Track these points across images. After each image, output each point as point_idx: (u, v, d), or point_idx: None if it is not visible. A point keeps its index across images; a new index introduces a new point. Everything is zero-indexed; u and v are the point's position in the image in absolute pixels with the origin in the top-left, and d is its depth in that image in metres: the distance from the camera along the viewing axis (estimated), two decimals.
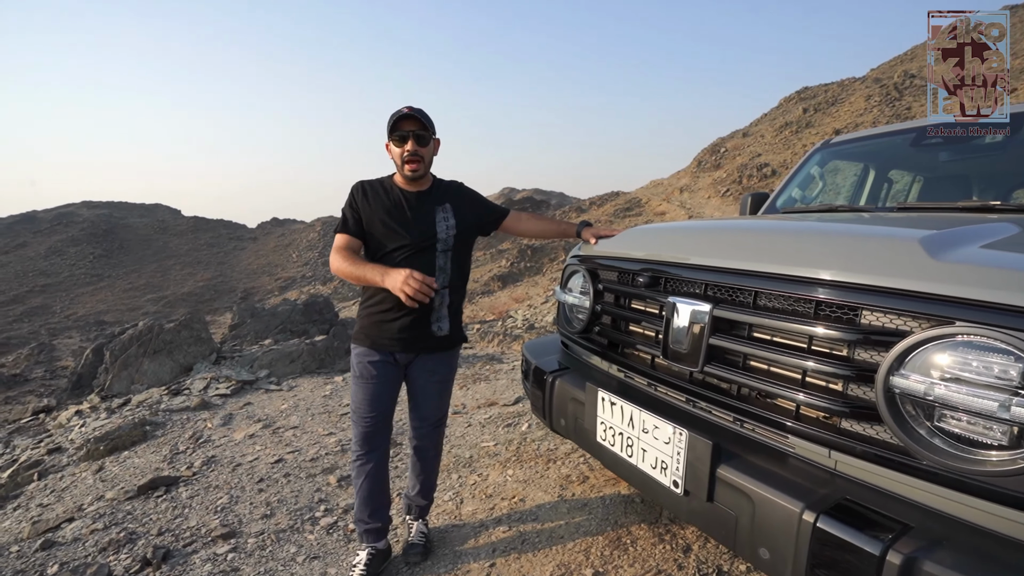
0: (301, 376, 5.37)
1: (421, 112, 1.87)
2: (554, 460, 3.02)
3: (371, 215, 1.91)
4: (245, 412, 4.39)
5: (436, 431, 2.18)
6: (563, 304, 2.19)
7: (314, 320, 6.47)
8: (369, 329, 1.95)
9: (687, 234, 1.71)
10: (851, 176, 3.33)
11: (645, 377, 1.67)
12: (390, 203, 1.93)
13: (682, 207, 44.21)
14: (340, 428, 3.92)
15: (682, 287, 1.56)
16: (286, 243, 55.60)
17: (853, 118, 45.58)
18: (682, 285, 1.56)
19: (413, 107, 1.87)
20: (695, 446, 1.26)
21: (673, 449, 1.33)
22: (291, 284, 44.21)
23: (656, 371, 1.63)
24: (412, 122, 1.85)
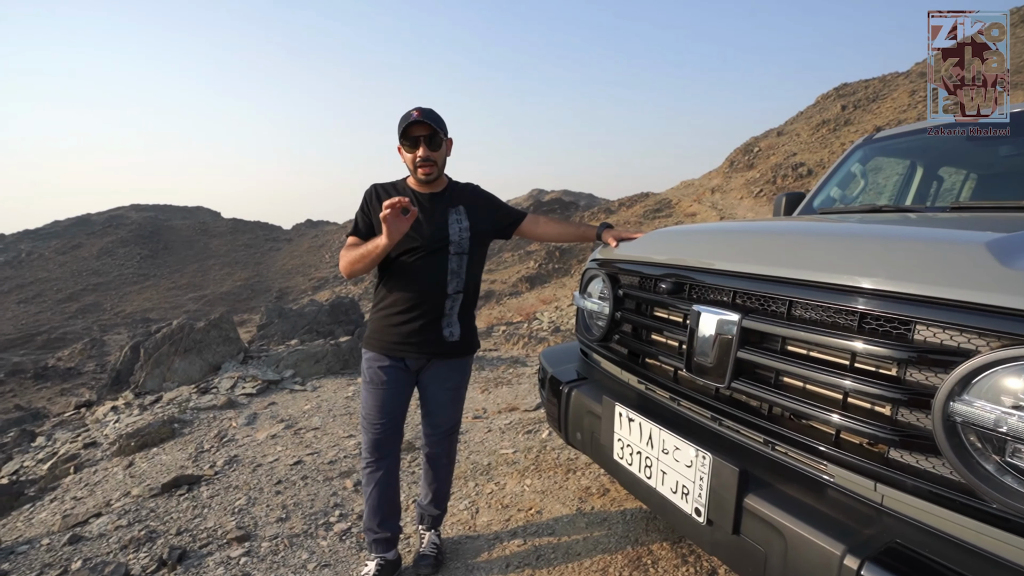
0: (325, 377, 5.41)
1: (430, 114, 1.81)
2: (573, 471, 2.90)
3: (381, 217, 1.87)
4: (269, 412, 4.44)
5: (449, 439, 2.11)
6: (582, 310, 2.08)
7: (340, 321, 6.53)
8: (379, 333, 1.92)
9: (714, 237, 1.58)
10: (895, 174, 3.11)
11: (667, 391, 1.55)
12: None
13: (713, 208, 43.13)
14: (360, 430, 3.90)
15: (708, 295, 1.43)
16: (319, 244, 56.99)
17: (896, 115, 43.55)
18: (708, 292, 1.43)
19: (422, 109, 1.81)
20: (720, 472, 1.14)
21: (695, 473, 1.21)
22: (324, 284, 45.25)
23: (679, 385, 1.51)
24: (422, 127, 1.79)
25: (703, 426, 1.42)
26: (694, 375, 1.40)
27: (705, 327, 1.34)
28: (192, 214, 72.24)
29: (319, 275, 47.29)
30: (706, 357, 1.35)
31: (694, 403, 1.45)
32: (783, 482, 1.12)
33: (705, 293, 1.45)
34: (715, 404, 1.37)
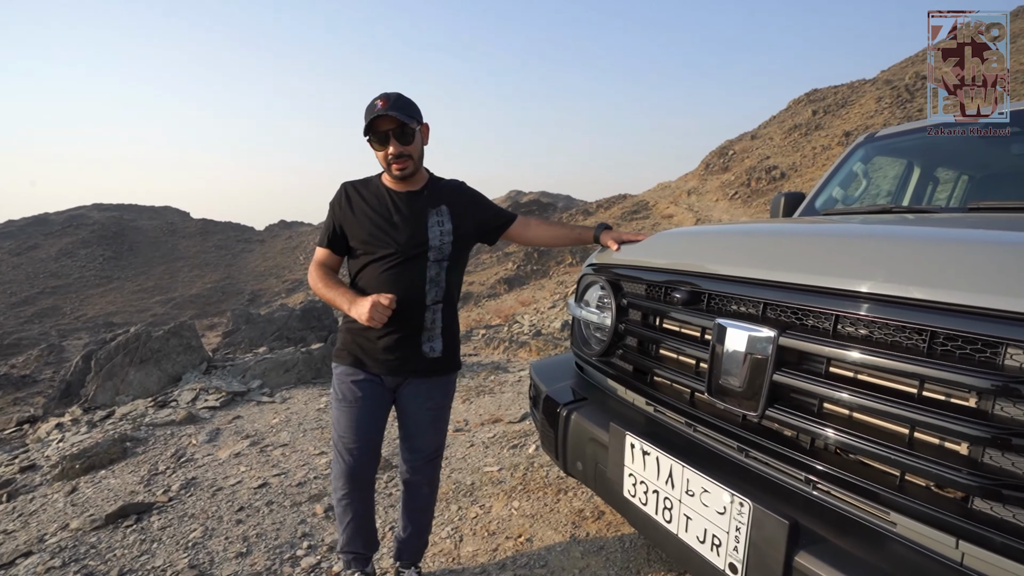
0: (295, 387, 5.09)
1: (398, 103, 1.58)
2: (564, 491, 2.70)
3: (353, 221, 1.70)
4: (233, 427, 4.11)
5: (430, 465, 1.88)
6: (578, 320, 1.88)
7: (312, 327, 6.19)
8: (352, 346, 1.72)
9: (738, 240, 1.39)
10: (896, 174, 3.00)
11: (681, 415, 1.36)
12: (376, 205, 1.70)
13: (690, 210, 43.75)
14: (331, 452, 3.63)
15: (731, 306, 1.24)
16: (293, 245, 55.75)
17: (863, 120, 44.93)
18: (732, 304, 1.25)
19: (388, 96, 1.59)
20: (763, 523, 0.95)
21: (730, 522, 1.02)
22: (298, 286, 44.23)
23: (696, 409, 1.32)
24: (388, 120, 1.58)
25: (724, 457, 1.24)
26: (716, 399, 1.21)
27: (732, 344, 1.15)
28: (159, 214, 69.88)
29: (293, 277, 46.24)
30: (732, 379, 1.16)
31: (715, 430, 1.26)
32: (838, 534, 0.93)
33: (727, 305, 1.26)
34: (743, 433, 1.18)
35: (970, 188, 2.58)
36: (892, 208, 2.16)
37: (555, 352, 7.87)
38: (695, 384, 1.30)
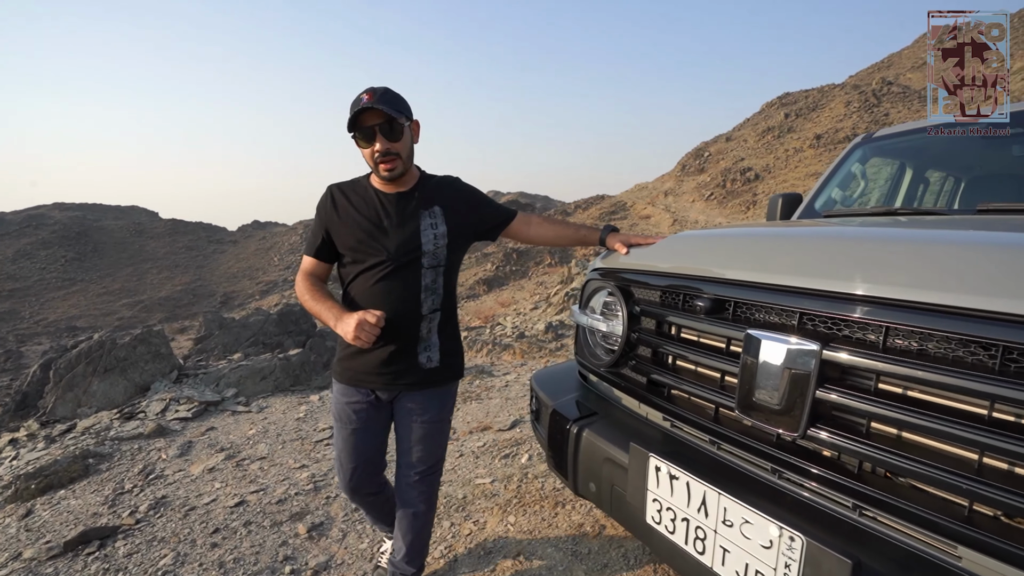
0: (273, 395, 4.87)
1: (385, 96, 1.47)
2: (562, 503, 2.59)
3: (341, 227, 1.59)
4: (207, 439, 3.89)
5: (426, 481, 1.75)
6: (583, 329, 1.77)
7: (289, 331, 5.95)
8: (346, 361, 1.65)
9: (768, 244, 1.30)
10: (885, 176, 2.98)
11: (705, 433, 1.26)
12: (364, 209, 1.59)
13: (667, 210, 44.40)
14: (314, 459, 3.45)
15: (761, 315, 1.15)
16: (267, 246, 54.50)
17: (833, 123, 46.30)
18: (761, 313, 1.15)
19: (375, 90, 1.47)
20: (821, 562, 0.85)
21: (778, 558, 0.92)
22: (272, 288, 43.25)
23: (721, 426, 1.22)
24: (374, 114, 1.46)
25: (760, 480, 1.14)
26: (747, 415, 1.11)
27: (767, 357, 1.06)
28: (126, 214, 67.54)
29: (267, 278, 45.20)
30: (767, 395, 1.06)
31: (745, 449, 1.16)
32: (902, 572, 0.84)
33: (755, 314, 1.16)
34: (779, 454, 1.08)
35: (968, 189, 2.56)
36: (897, 210, 2.12)
37: (540, 355, 7.77)
38: (721, 399, 1.20)
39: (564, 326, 9.55)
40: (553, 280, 20.74)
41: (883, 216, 1.96)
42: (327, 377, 5.21)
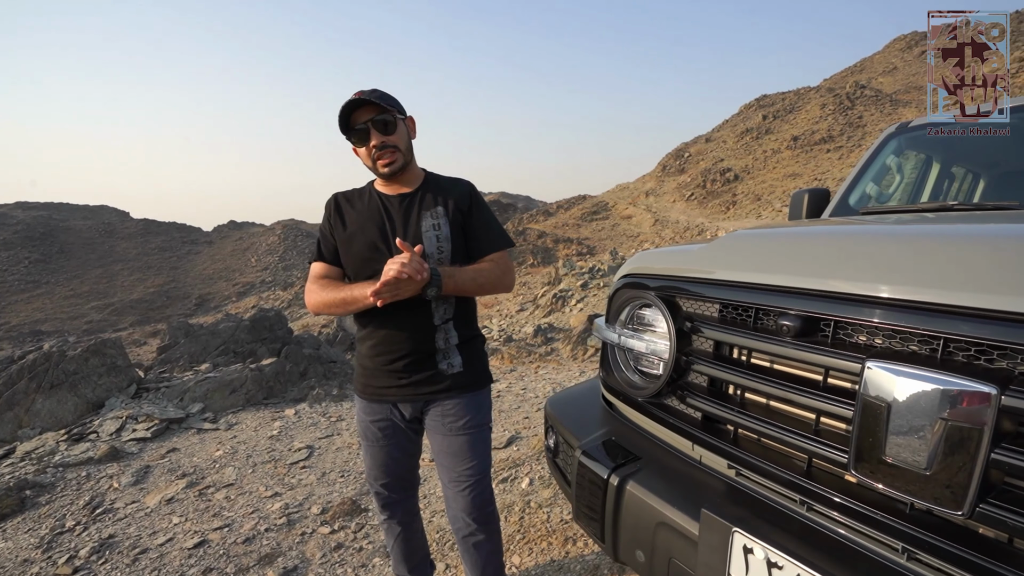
0: (244, 410, 4.46)
1: (375, 92, 1.44)
2: (573, 539, 2.29)
3: (345, 236, 1.51)
4: (167, 463, 3.48)
5: (477, 500, 1.53)
6: (611, 348, 1.47)
7: (263, 339, 5.51)
8: (363, 375, 1.58)
9: (893, 246, 0.98)
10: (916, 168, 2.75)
11: (790, 489, 0.96)
12: (367, 214, 1.51)
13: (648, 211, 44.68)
14: (287, 485, 3.08)
15: (888, 342, 0.86)
16: (244, 247, 53.19)
17: (809, 125, 47.21)
18: (888, 338, 0.86)
19: (363, 90, 1.43)
20: None
21: None
22: (250, 289, 42.20)
23: (819, 484, 0.92)
24: (366, 109, 1.42)
25: (870, 558, 0.84)
26: (866, 476, 0.82)
27: (907, 401, 0.76)
28: (95, 213, 65.26)
29: (244, 280, 44.11)
30: (908, 452, 0.77)
31: (851, 517, 0.87)
32: None
33: (877, 338, 0.87)
34: (920, 533, 0.79)
35: (1017, 181, 2.34)
36: (952, 207, 1.86)
37: (529, 360, 7.47)
38: (821, 450, 0.91)
39: (553, 329, 9.28)
40: (537, 281, 20.48)
41: (935, 212, 1.69)
42: (303, 388, 4.82)
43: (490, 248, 1.53)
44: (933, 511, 0.77)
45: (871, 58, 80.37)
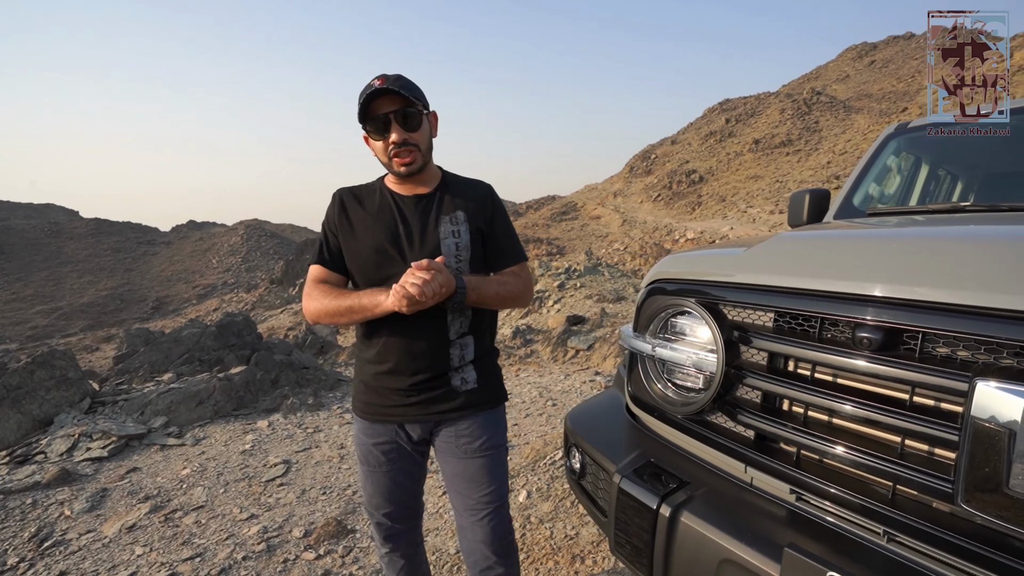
0: (212, 423, 4.16)
1: (401, 81, 1.28)
2: (580, 556, 2.17)
3: (352, 237, 1.37)
4: (127, 485, 3.19)
5: (497, 529, 1.39)
6: (643, 359, 1.35)
7: (231, 345, 5.17)
8: (364, 392, 1.42)
9: (984, 249, 0.89)
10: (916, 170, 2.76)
11: (870, 519, 0.86)
12: (378, 214, 1.37)
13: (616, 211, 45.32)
14: (264, 505, 2.86)
15: (990, 357, 0.76)
16: (205, 248, 51.16)
17: (770, 129, 48.90)
18: (988, 353, 0.76)
19: (387, 76, 1.28)
20: None
21: None
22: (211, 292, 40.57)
23: (907, 515, 0.82)
24: (389, 99, 1.27)
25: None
26: (982, 509, 0.72)
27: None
28: (39, 212, 61.60)
29: (205, 282, 42.42)
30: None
31: (950, 552, 0.77)
32: None
33: (978, 353, 0.77)
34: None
35: (1013, 185, 2.35)
36: (964, 208, 1.83)
37: (509, 362, 7.34)
38: (923, 479, 0.81)
39: (532, 330, 9.18)
40: None
41: (970, 212, 1.65)
42: (276, 398, 4.55)
43: (512, 260, 1.41)
44: None
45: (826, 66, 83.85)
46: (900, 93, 52.31)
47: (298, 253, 32.56)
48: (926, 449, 0.84)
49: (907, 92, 50.42)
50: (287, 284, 30.03)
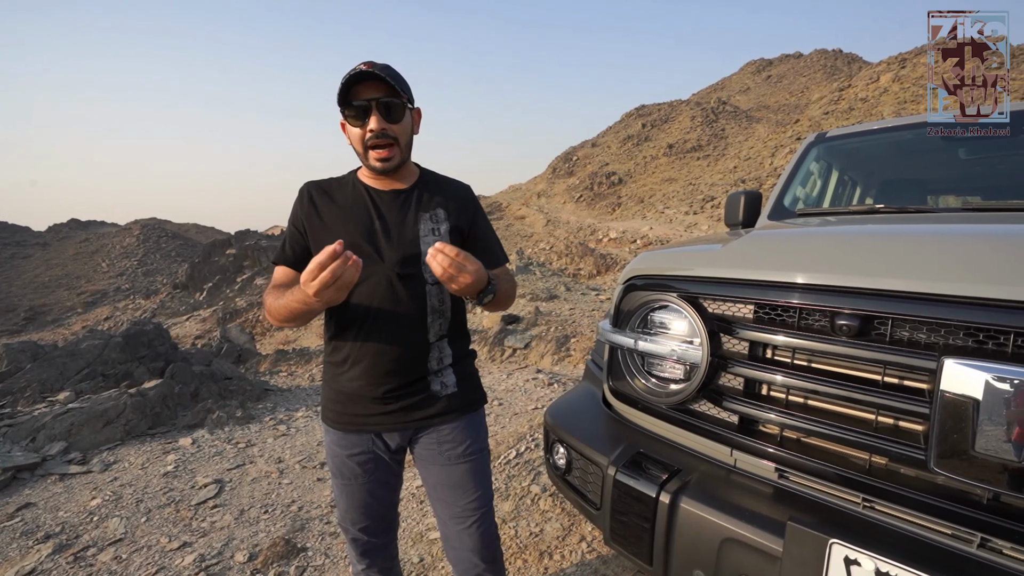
0: (124, 444, 3.71)
1: (388, 70, 1.22)
2: (548, 552, 2.19)
3: (322, 232, 1.27)
4: (20, 524, 2.76)
5: (485, 536, 1.34)
6: (623, 352, 1.39)
7: (141, 357, 4.62)
8: (337, 401, 1.33)
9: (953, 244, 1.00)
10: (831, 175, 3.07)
11: (851, 488, 0.95)
12: (351, 210, 1.29)
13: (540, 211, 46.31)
14: (198, 531, 2.60)
15: (951, 339, 0.87)
16: (92, 249, 45.63)
17: (682, 134, 52.28)
18: (948, 335, 0.87)
19: (374, 62, 1.21)
20: None
21: None
22: (101, 299, 36.25)
23: (884, 481, 0.92)
24: (374, 85, 1.20)
25: (943, 549, 0.85)
26: (952, 471, 0.82)
27: (996, 395, 0.77)
28: None
29: (93, 288, 37.84)
30: (998, 445, 0.77)
31: (926, 512, 0.87)
32: None
33: (948, 337, 0.88)
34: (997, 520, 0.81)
35: (916, 190, 2.68)
36: (879, 209, 2.06)
37: None
38: (897, 448, 0.90)
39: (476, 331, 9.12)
40: None
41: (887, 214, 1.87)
42: (199, 412, 4.16)
43: (497, 262, 1.38)
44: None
45: (729, 78, 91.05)
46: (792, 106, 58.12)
47: (205, 255, 29.93)
48: (897, 423, 0.94)
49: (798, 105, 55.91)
50: (193, 289, 27.55)
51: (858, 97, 31.16)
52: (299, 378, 7.21)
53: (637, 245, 24.73)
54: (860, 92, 31.69)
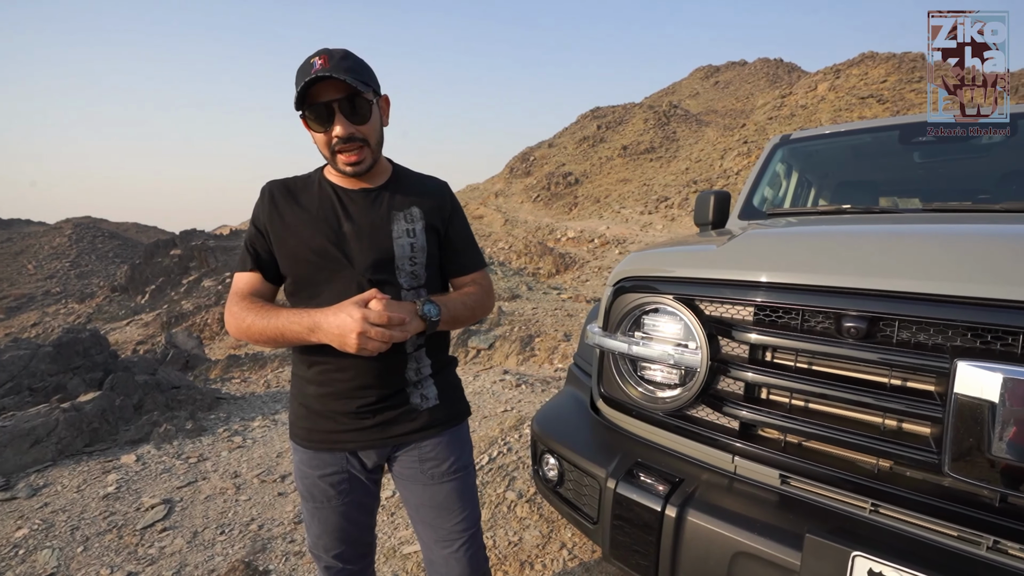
0: (56, 465, 3.38)
1: (345, 62, 1.08)
2: (528, 562, 2.12)
3: (286, 237, 1.17)
4: None
5: (475, 558, 1.26)
6: (614, 357, 1.34)
7: (75, 367, 4.21)
8: (307, 417, 1.23)
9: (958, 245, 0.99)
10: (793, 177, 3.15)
11: (859, 493, 0.93)
12: (317, 211, 1.18)
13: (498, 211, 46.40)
14: (147, 558, 2.39)
15: (962, 341, 0.86)
16: (16, 250, 42.04)
17: (636, 137, 53.60)
18: (957, 335, 0.86)
19: (331, 53, 1.08)
20: None
21: None
22: (27, 304, 33.43)
23: (896, 486, 0.90)
24: (332, 86, 1.07)
25: (968, 558, 0.84)
26: (968, 475, 0.81)
27: (1014, 397, 0.76)
28: None
29: (17, 292, 34.88)
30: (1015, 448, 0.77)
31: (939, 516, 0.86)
32: None
33: (951, 336, 0.87)
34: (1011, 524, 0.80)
35: (871, 192, 2.78)
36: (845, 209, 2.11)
37: None
38: (910, 453, 0.88)
39: None
40: None
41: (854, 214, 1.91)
42: (144, 426, 3.85)
43: (474, 266, 1.29)
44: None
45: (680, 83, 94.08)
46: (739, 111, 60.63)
47: (147, 256, 28.12)
48: (909, 426, 0.93)
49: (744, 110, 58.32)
50: (134, 291, 25.83)
51: (798, 104, 32.90)
52: (253, 384, 6.84)
53: (595, 244, 25.10)
54: (800, 100, 33.47)
